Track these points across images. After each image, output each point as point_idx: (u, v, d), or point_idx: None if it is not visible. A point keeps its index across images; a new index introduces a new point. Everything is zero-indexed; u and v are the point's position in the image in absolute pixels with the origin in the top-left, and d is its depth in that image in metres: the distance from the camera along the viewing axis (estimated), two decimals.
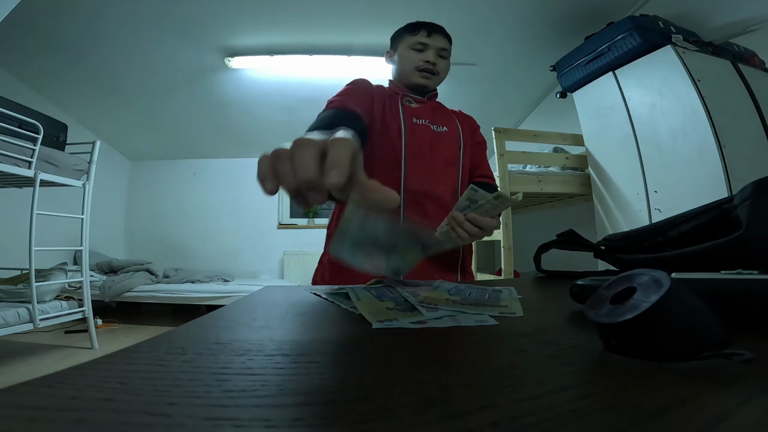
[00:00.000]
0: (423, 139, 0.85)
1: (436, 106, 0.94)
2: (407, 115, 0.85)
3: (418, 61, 0.87)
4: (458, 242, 0.64)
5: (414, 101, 0.90)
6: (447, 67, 0.91)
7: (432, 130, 0.87)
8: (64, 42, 2.53)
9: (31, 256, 1.98)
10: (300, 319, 0.32)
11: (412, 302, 0.33)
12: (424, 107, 0.90)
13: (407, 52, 0.88)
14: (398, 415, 0.12)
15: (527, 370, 0.17)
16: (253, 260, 4.24)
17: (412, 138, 0.83)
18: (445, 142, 0.87)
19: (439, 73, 0.89)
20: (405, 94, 0.90)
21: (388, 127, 0.83)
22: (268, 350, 0.21)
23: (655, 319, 0.16)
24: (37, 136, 1.98)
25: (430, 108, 0.91)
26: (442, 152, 0.86)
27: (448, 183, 0.86)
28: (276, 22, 2.44)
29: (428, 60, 0.86)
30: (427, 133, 0.86)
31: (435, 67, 0.87)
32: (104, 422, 0.11)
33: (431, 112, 0.90)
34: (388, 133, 0.83)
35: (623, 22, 1.87)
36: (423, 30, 0.87)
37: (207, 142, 4.06)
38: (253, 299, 0.42)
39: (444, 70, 0.90)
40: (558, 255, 0.58)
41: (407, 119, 0.85)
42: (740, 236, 0.28)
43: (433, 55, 0.87)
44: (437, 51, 0.87)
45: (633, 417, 0.11)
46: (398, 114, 0.85)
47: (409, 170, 0.81)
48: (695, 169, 1.62)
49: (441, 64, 0.89)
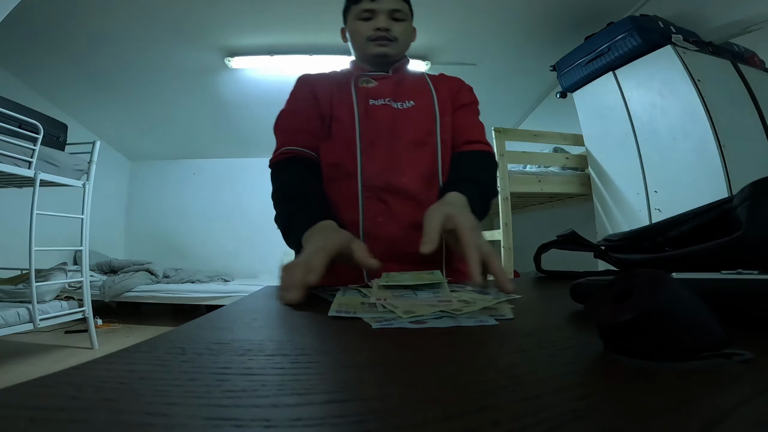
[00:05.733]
0: (381, 122, 0.74)
1: (402, 78, 0.80)
2: (361, 98, 0.75)
3: (367, 30, 0.76)
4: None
5: (373, 79, 0.78)
6: (407, 31, 0.79)
7: (393, 109, 0.75)
8: (64, 42, 2.53)
9: (31, 256, 1.98)
10: (300, 320, 0.32)
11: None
12: (385, 83, 0.78)
13: (356, 24, 0.77)
14: (398, 415, 0.12)
15: (527, 370, 0.17)
16: (253, 260, 4.24)
17: (367, 123, 0.73)
18: (412, 119, 0.75)
19: (397, 39, 0.77)
20: (361, 74, 0.79)
21: (340, 118, 0.74)
22: (268, 350, 0.21)
23: (655, 319, 0.16)
24: (37, 136, 1.98)
25: (392, 83, 0.78)
26: (407, 133, 0.74)
27: (416, 170, 0.73)
28: (276, 22, 2.44)
29: (379, 27, 0.75)
30: (386, 114, 0.74)
31: (389, 32, 0.76)
32: (104, 422, 0.11)
33: (394, 87, 0.78)
34: (341, 123, 0.74)
35: (623, 22, 1.87)
36: None
37: (207, 142, 4.06)
38: (253, 299, 0.42)
39: (403, 34, 0.78)
40: (558, 255, 0.58)
41: (361, 102, 0.75)
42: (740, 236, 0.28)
43: (384, 20, 0.75)
44: (388, 14, 0.76)
45: (633, 417, 0.11)
46: (350, 99, 0.75)
47: (365, 163, 0.71)
48: (695, 169, 1.62)
49: (397, 28, 0.77)
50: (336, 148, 0.74)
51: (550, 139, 2.34)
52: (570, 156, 2.31)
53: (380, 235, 0.69)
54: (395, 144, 0.73)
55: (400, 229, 0.68)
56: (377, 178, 0.70)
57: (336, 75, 0.82)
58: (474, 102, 0.83)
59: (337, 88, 0.78)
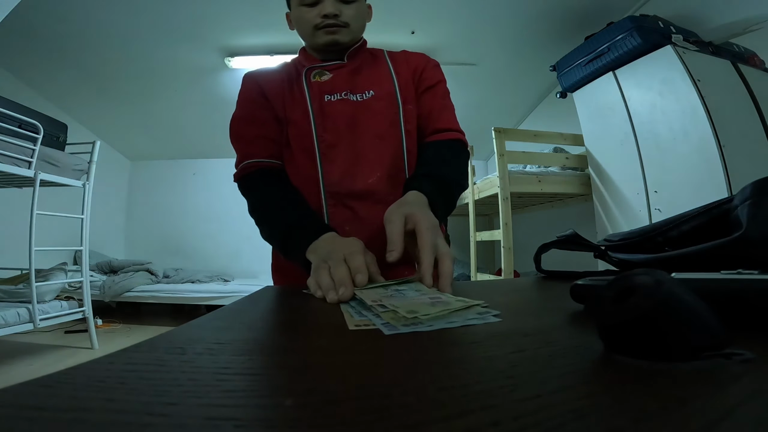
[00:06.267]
0: (340, 119, 0.67)
1: (359, 65, 0.72)
2: (315, 94, 0.67)
3: (314, 17, 0.66)
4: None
5: (327, 71, 0.70)
6: (360, 12, 0.70)
7: (352, 102, 0.68)
8: (64, 42, 2.53)
9: (31, 256, 1.98)
10: (300, 319, 0.32)
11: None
12: (341, 74, 0.70)
13: (299, 11, 0.68)
14: (398, 415, 0.12)
15: (527, 370, 0.17)
16: (253, 260, 4.23)
17: (324, 123, 0.66)
18: (373, 110, 0.68)
19: (348, 24, 0.67)
20: (312, 66, 0.70)
21: (295, 121, 0.67)
22: (268, 350, 0.21)
23: (655, 319, 0.16)
24: (37, 136, 1.98)
25: (348, 72, 0.70)
26: (368, 127, 0.67)
27: (381, 168, 0.66)
28: (276, 22, 2.44)
29: (326, 13, 0.65)
30: (345, 109, 0.67)
31: (338, 18, 0.66)
32: (104, 422, 0.11)
33: (350, 77, 0.70)
34: (296, 127, 0.67)
35: (623, 22, 1.87)
36: None
37: (207, 142, 4.05)
38: (253, 299, 0.42)
39: (355, 18, 0.68)
40: (558, 255, 0.58)
41: (315, 100, 0.67)
42: (740, 236, 0.28)
43: (330, 4, 0.65)
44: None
45: (633, 417, 0.11)
46: (303, 97, 0.68)
47: (326, 168, 0.65)
48: (695, 169, 1.62)
49: (347, 12, 0.67)
50: (294, 154, 0.68)
51: (550, 139, 2.34)
52: (570, 156, 2.31)
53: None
54: (356, 142, 0.66)
55: (370, 235, 0.60)
56: (340, 184, 0.65)
57: (286, 69, 0.74)
58: (440, 81, 0.74)
59: (288, 85, 0.70)
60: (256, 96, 0.71)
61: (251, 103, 0.71)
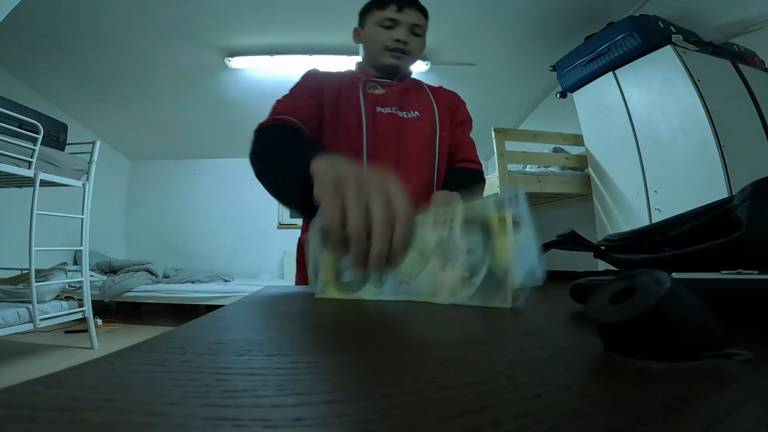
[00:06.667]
0: (388, 130, 0.75)
1: (407, 87, 0.82)
2: (369, 105, 0.76)
3: (386, 39, 0.76)
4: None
5: (380, 86, 0.79)
6: (422, 46, 0.80)
7: (399, 118, 0.77)
8: (64, 42, 2.53)
9: (31, 256, 1.98)
10: (300, 319, 0.32)
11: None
12: (392, 91, 0.79)
13: (375, 30, 0.77)
14: (398, 415, 0.12)
15: (527, 370, 0.17)
16: (253, 260, 4.24)
17: (374, 130, 0.74)
18: (417, 128, 0.77)
19: (411, 53, 0.78)
20: (369, 79, 0.79)
21: (347, 121, 0.74)
22: (268, 350, 0.21)
23: (655, 319, 0.16)
24: (37, 136, 1.98)
25: (398, 91, 0.80)
26: (412, 143, 0.76)
27: (419, 177, 0.76)
28: (276, 22, 2.44)
29: (399, 38, 0.75)
30: (393, 122, 0.76)
31: (407, 46, 0.76)
32: (104, 422, 0.11)
33: (400, 96, 0.79)
34: (347, 127, 0.74)
35: (623, 22, 1.87)
36: (393, 4, 0.75)
37: (207, 142, 4.06)
38: (253, 299, 0.42)
39: (417, 50, 0.79)
40: (558, 255, 0.58)
41: (369, 109, 0.75)
42: (740, 237, 0.28)
43: (404, 32, 0.75)
44: (409, 28, 0.76)
45: (633, 417, 0.11)
46: (358, 104, 0.75)
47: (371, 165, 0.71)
48: (695, 169, 1.62)
49: (414, 43, 0.77)
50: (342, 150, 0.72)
51: (550, 139, 2.34)
52: (570, 156, 2.31)
53: None
54: (399, 153, 0.75)
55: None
56: None
57: (343, 75, 0.82)
58: (469, 120, 0.88)
59: (345, 87, 0.77)
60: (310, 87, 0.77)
61: (302, 89, 0.77)
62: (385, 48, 0.76)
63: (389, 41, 0.76)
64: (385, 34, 0.76)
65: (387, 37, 0.76)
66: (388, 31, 0.76)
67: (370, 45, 0.79)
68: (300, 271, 0.76)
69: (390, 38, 0.76)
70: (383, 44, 0.76)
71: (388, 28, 0.76)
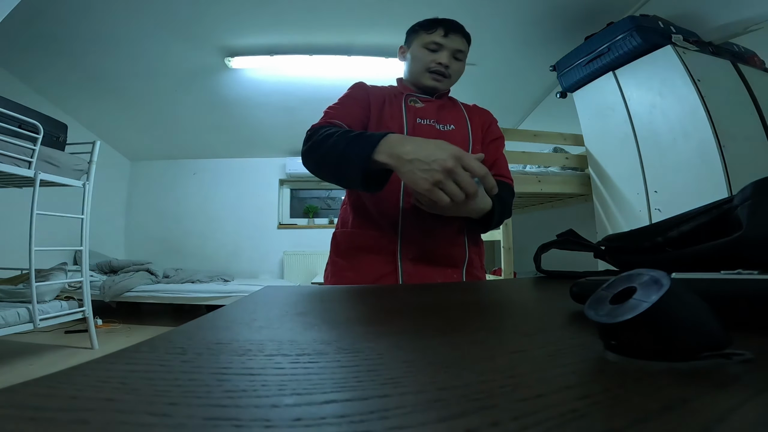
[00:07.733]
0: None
1: (444, 103, 0.89)
2: (410, 116, 0.82)
3: (429, 62, 0.82)
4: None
5: (420, 100, 0.86)
6: (461, 69, 0.86)
7: (437, 130, 0.82)
8: (64, 42, 2.53)
9: (31, 256, 1.98)
10: (300, 319, 0.32)
11: None
12: (430, 106, 0.85)
13: (420, 51, 0.83)
14: (398, 415, 0.12)
15: (527, 370, 0.17)
16: (253, 260, 4.24)
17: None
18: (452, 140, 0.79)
19: (451, 76, 0.84)
20: (410, 93, 0.86)
21: (390, 129, 0.79)
22: (268, 350, 0.21)
23: (655, 319, 0.16)
24: (37, 136, 1.98)
25: (436, 107, 0.86)
26: None
27: None
28: (276, 22, 2.44)
29: (441, 62, 0.81)
30: (431, 133, 0.81)
31: (447, 69, 0.82)
32: (104, 422, 0.11)
33: (437, 111, 0.85)
34: None
35: (623, 22, 1.87)
36: (440, 28, 0.81)
37: (207, 142, 4.06)
38: (253, 299, 0.42)
39: (457, 73, 0.85)
40: (558, 255, 0.58)
41: (410, 120, 0.81)
42: (740, 237, 0.28)
43: (447, 56, 0.81)
44: (452, 53, 0.82)
45: (633, 417, 0.11)
46: (400, 115, 0.81)
47: None
48: (695, 169, 1.62)
49: (454, 67, 0.83)
50: None
51: (550, 139, 2.34)
52: (570, 156, 2.31)
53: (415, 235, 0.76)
54: None
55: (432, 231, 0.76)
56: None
57: (387, 89, 0.88)
58: (501, 137, 0.93)
59: (389, 99, 0.84)
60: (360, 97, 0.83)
61: (352, 99, 0.83)
62: (427, 69, 0.82)
63: (432, 63, 0.81)
64: (429, 56, 0.82)
65: (430, 59, 0.82)
66: (432, 54, 0.82)
67: (413, 64, 0.85)
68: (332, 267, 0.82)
69: (433, 60, 0.81)
70: (426, 66, 0.82)
71: (433, 51, 0.82)
